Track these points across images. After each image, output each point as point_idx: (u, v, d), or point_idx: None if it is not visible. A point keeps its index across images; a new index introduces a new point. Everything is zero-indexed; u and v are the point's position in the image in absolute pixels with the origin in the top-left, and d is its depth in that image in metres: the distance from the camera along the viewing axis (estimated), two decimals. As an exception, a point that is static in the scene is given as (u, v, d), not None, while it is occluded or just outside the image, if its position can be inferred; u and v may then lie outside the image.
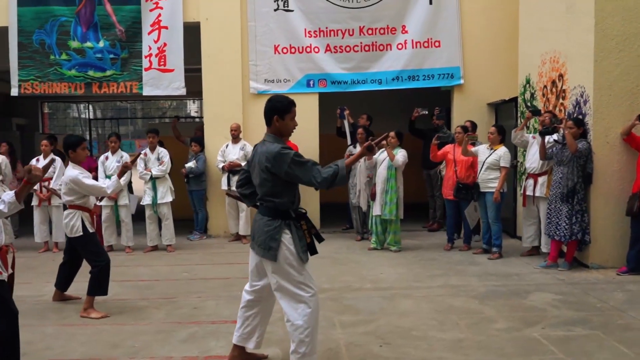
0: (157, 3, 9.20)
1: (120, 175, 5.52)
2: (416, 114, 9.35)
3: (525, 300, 5.48)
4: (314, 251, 3.68)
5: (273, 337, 4.50)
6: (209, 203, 9.32)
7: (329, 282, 6.26)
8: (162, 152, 8.31)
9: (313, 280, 3.69)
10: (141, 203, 8.33)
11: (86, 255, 5.42)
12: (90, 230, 5.35)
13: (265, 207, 3.69)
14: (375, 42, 9.47)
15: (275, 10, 9.31)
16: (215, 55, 9.23)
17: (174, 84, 9.26)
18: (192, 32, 9.21)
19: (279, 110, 3.67)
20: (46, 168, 3.58)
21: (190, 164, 8.99)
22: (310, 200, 9.33)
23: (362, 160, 8.43)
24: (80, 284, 5.97)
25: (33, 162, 8.44)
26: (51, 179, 8.00)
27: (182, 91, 9.28)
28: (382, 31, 9.45)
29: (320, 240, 3.85)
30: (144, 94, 9.31)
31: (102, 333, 4.69)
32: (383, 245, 8.12)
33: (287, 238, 3.59)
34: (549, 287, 5.92)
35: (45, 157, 8.35)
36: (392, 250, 7.96)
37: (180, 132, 10.01)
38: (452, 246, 8.11)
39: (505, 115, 9.22)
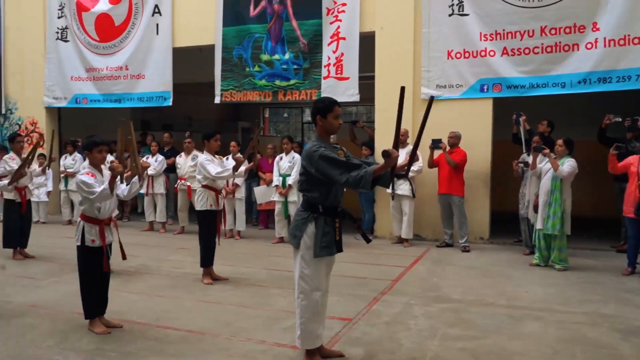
0: (336, 16, 9.70)
1: (235, 168, 6.33)
2: (607, 121, 8.34)
3: (683, 343, 4.59)
4: (340, 249, 3.90)
5: (365, 338, 4.53)
6: (376, 205, 9.52)
7: (463, 293, 5.99)
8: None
9: (321, 279, 3.88)
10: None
11: (200, 228, 6.35)
12: (214, 208, 6.28)
13: (303, 199, 3.96)
14: (559, 42, 8.65)
15: (449, 15, 9.12)
16: (388, 62, 9.39)
17: (349, 91, 9.65)
18: (366, 41, 9.51)
19: (321, 110, 3.89)
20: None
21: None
22: (479, 207, 8.98)
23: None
24: (235, 268, 6.70)
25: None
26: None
27: (356, 98, 9.63)
28: (567, 30, 8.60)
29: (368, 241, 4.20)
30: (322, 101, 9.86)
31: (225, 312, 5.22)
32: (547, 263, 7.42)
33: (310, 231, 3.82)
34: None
35: (188, 154, 9.92)
36: (555, 269, 7.23)
37: (357, 136, 10.42)
38: (633, 271, 7.05)
39: None
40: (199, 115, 17.36)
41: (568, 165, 7.14)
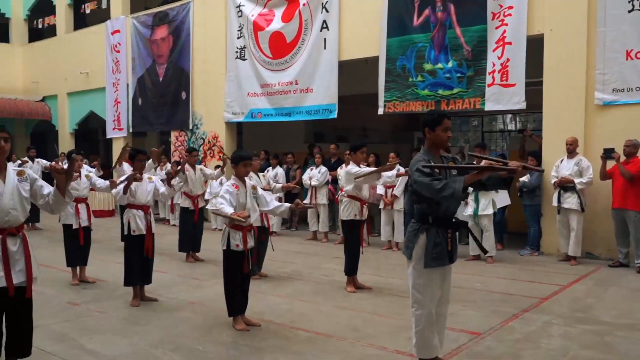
0: (502, 20, 9.76)
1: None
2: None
3: None
4: (452, 260, 4.18)
5: (487, 353, 4.77)
6: (543, 219, 9.36)
7: (616, 316, 5.82)
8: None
9: (434, 289, 4.14)
10: (464, 214, 9.12)
11: (345, 238, 7.05)
12: (358, 218, 6.87)
13: (415, 211, 4.28)
14: None
15: (629, 11, 8.66)
16: (558, 66, 9.20)
17: (515, 99, 9.64)
18: (533, 45, 9.43)
19: (430, 123, 4.17)
20: None
21: (524, 178, 9.29)
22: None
23: None
24: (384, 278, 7.27)
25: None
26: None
27: (522, 105, 9.58)
28: None
29: (485, 252, 4.44)
30: (486, 109, 9.99)
31: (357, 319, 5.78)
32: None
33: (421, 241, 4.12)
34: None
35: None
36: None
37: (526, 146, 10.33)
38: None
39: None
40: (374, 126, 18.22)
41: None
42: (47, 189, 4.17)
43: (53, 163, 4.86)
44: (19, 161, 11.31)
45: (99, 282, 7.56)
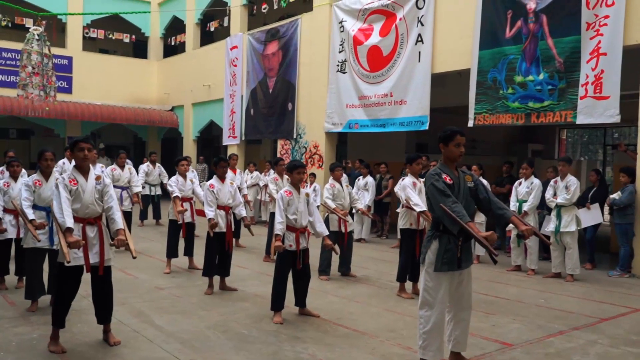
0: (597, 30, 9.42)
1: None
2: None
3: None
4: (460, 265, 4.39)
5: (509, 362, 4.84)
6: (635, 239, 8.89)
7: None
8: (571, 180, 8.65)
9: (444, 293, 4.36)
10: (545, 230, 8.93)
11: (401, 245, 7.42)
12: (414, 227, 7.20)
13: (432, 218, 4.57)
14: None
15: None
16: (656, 77, 8.77)
17: (608, 112, 9.26)
18: (630, 55, 9.04)
19: (443, 138, 4.46)
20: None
21: (614, 195, 8.93)
22: None
23: None
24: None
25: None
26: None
27: (617, 119, 9.19)
28: None
29: (495, 262, 4.43)
30: (577, 122, 9.67)
31: (399, 321, 6.04)
32: None
33: (434, 247, 4.39)
34: None
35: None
36: None
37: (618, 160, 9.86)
38: None
39: None
40: (486, 138, 18.02)
41: None
42: (110, 201, 5.05)
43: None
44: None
45: (187, 272, 8.53)
